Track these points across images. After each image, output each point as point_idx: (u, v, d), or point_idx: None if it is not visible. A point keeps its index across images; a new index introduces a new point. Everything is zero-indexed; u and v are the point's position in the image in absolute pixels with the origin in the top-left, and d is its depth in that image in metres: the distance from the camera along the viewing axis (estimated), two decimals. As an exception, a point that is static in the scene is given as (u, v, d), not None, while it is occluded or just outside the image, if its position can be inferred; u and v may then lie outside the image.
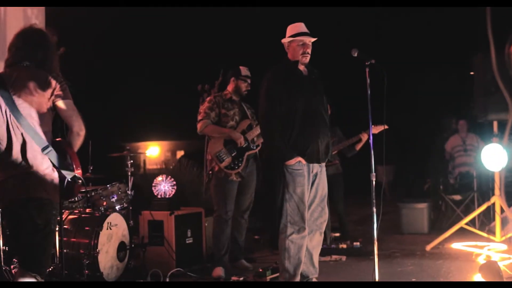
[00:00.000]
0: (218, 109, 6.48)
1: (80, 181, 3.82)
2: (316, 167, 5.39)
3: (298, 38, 5.41)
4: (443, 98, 15.19)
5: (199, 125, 6.47)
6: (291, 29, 5.49)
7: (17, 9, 7.28)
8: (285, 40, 5.50)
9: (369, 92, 5.13)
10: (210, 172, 6.49)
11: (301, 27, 5.48)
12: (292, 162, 5.24)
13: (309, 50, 5.45)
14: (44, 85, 3.78)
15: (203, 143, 7.17)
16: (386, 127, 5.89)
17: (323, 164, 5.48)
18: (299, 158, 5.25)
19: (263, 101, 5.42)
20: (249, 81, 6.63)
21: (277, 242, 5.40)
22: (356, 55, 5.18)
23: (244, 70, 6.63)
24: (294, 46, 5.44)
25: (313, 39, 5.47)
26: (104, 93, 18.55)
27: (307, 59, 5.45)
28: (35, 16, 7.69)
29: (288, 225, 5.28)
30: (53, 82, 3.80)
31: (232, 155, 6.41)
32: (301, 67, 5.48)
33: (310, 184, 5.37)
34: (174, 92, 18.22)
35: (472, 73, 7.70)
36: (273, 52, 6.08)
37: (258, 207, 6.76)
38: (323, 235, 5.55)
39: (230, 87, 6.64)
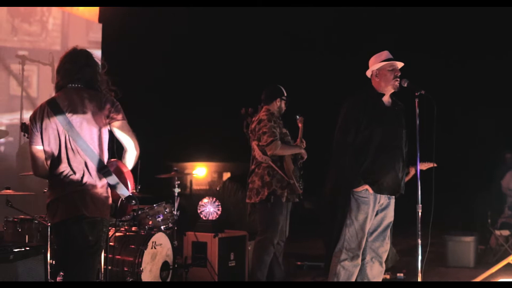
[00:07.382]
0: (279, 128, 6.37)
1: (134, 201, 3.89)
2: (383, 199, 5.28)
3: (389, 63, 5.28)
4: (493, 130, 14.98)
5: (273, 146, 6.21)
6: (377, 57, 5.36)
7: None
8: (373, 68, 5.34)
9: (417, 122, 5.07)
10: (272, 196, 6.22)
11: (387, 54, 5.36)
12: (359, 189, 5.16)
13: (399, 74, 5.32)
14: (100, 106, 3.86)
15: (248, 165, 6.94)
16: (435, 165, 5.76)
17: (393, 196, 5.37)
18: (366, 186, 5.16)
19: (339, 127, 5.33)
20: None
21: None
22: (406, 85, 5.16)
23: (284, 90, 6.57)
24: (385, 72, 5.29)
25: (402, 64, 5.35)
26: (153, 113, 18.84)
27: (398, 83, 5.30)
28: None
29: (343, 250, 5.21)
30: (109, 103, 3.89)
31: (298, 175, 6.38)
32: (385, 98, 5.36)
33: (375, 214, 5.26)
34: (223, 113, 18.43)
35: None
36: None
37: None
38: (384, 266, 5.40)
39: (274, 107, 6.50)
